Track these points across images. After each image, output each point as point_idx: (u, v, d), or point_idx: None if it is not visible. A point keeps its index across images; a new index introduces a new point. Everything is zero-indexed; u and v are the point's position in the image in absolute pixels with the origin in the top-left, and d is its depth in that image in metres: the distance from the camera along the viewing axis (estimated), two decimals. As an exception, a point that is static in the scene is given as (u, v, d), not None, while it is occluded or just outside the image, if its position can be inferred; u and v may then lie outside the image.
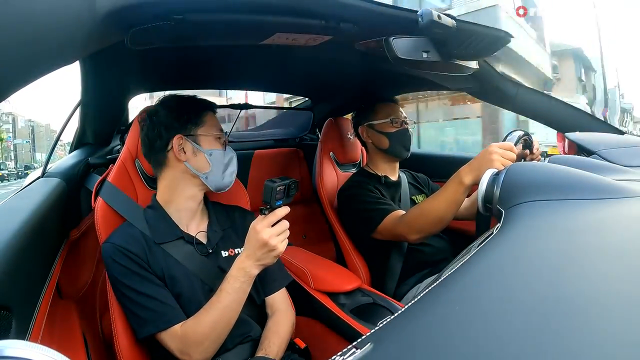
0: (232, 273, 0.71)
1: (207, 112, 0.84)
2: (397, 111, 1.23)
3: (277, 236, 0.69)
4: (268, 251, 0.69)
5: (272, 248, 0.68)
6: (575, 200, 0.42)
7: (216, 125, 0.84)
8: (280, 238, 0.69)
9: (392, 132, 1.20)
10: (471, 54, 0.82)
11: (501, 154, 0.80)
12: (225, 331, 0.72)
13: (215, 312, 0.70)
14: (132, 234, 0.77)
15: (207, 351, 0.71)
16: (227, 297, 0.70)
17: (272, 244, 0.68)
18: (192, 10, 0.55)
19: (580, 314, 0.25)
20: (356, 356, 0.27)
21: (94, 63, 0.86)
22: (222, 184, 0.83)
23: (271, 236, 0.68)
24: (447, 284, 0.33)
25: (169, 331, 0.71)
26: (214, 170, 0.80)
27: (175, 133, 0.79)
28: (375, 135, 1.23)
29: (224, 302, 0.70)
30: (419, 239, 1.00)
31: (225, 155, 0.83)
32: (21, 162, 34.90)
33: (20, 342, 0.29)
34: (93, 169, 1.10)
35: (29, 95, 21.07)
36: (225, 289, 0.70)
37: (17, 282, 0.60)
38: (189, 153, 0.79)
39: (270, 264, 0.71)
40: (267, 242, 0.68)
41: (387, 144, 1.21)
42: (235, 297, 0.70)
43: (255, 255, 0.69)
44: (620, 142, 0.89)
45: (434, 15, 0.64)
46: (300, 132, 1.87)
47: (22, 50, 0.33)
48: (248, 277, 0.70)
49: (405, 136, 1.21)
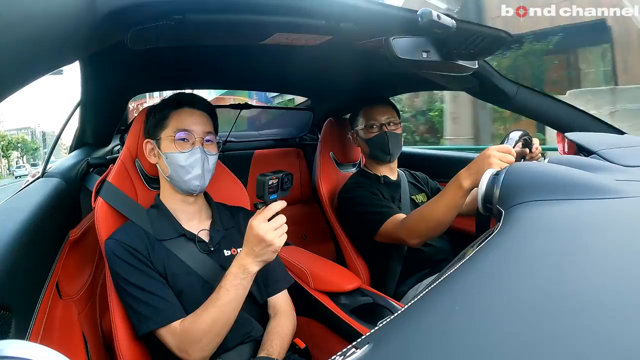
0: (232, 270, 0.70)
1: (173, 112, 0.79)
2: (376, 115, 1.21)
3: (273, 231, 0.67)
4: (266, 247, 0.67)
5: (269, 243, 0.67)
6: (575, 200, 0.42)
7: (179, 125, 0.78)
8: (277, 233, 0.68)
9: (369, 138, 1.22)
10: (471, 54, 0.82)
11: (499, 157, 0.79)
12: (224, 329, 0.71)
13: (215, 310, 0.69)
14: (134, 231, 0.78)
15: (205, 349, 0.70)
16: (226, 294, 0.69)
17: (269, 239, 0.66)
18: (192, 10, 0.55)
19: (581, 314, 0.25)
20: (356, 356, 0.27)
21: (94, 63, 0.86)
22: (187, 186, 0.79)
23: (267, 231, 0.66)
24: (447, 284, 0.33)
25: (168, 328, 0.71)
26: (172, 173, 0.78)
27: (145, 137, 0.83)
28: (359, 141, 1.27)
29: (224, 299, 0.69)
30: (419, 243, 1.01)
31: (187, 157, 0.77)
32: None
33: (20, 341, 0.29)
34: (93, 169, 1.10)
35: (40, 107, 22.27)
36: (225, 287, 0.69)
37: (17, 282, 0.60)
38: (156, 156, 0.82)
39: (269, 260, 0.70)
40: (263, 238, 0.66)
41: (367, 150, 1.24)
42: (235, 294, 0.69)
43: (253, 252, 0.68)
44: (620, 142, 0.89)
45: (434, 15, 0.64)
46: (300, 132, 1.87)
47: (22, 50, 0.33)
48: (248, 275, 0.69)
49: (383, 141, 1.20)
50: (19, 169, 26.53)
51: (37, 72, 0.39)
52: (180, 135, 0.78)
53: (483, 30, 0.75)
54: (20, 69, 0.35)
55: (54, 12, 0.36)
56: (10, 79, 0.34)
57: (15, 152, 32.90)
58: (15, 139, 34.76)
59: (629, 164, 0.67)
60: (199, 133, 0.79)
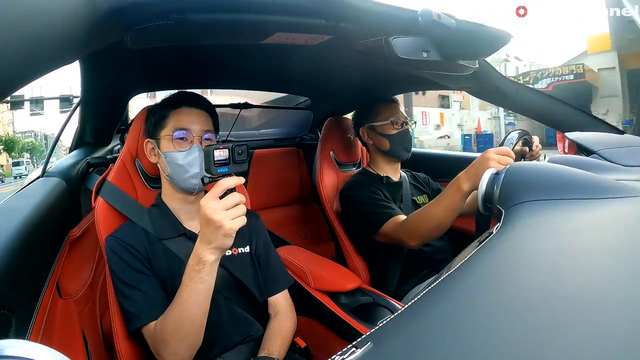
0: (189, 262, 0.63)
1: (171, 112, 0.79)
2: (398, 112, 1.23)
3: (223, 211, 0.58)
4: (215, 229, 0.58)
5: (218, 225, 0.57)
6: (575, 199, 0.42)
7: (178, 124, 0.78)
8: (227, 214, 0.58)
9: (392, 134, 1.20)
10: (471, 54, 0.82)
11: (498, 159, 0.79)
12: (192, 331, 0.64)
13: (176, 308, 0.64)
14: (134, 230, 0.78)
15: (177, 353, 0.65)
16: (184, 290, 0.63)
17: (217, 220, 0.57)
18: (191, 9, 0.55)
19: (581, 314, 0.25)
20: (356, 356, 0.27)
21: (94, 63, 0.86)
22: (185, 185, 0.78)
23: (215, 211, 0.57)
24: (447, 284, 0.33)
25: (147, 327, 0.69)
26: (171, 172, 0.78)
27: (146, 137, 0.83)
28: (376, 136, 1.23)
29: (183, 295, 0.63)
30: (419, 245, 1.01)
31: (185, 155, 0.76)
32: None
33: (20, 341, 0.29)
34: (93, 169, 1.10)
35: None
36: (183, 281, 0.63)
37: (17, 282, 0.60)
38: (156, 156, 0.81)
39: (223, 247, 0.61)
40: (210, 218, 0.57)
41: (387, 146, 1.21)
42: (194, 289, 0.62)
43: (205, 237, 0.60)
44: (620, 142, 0.89)
45: (434, 15, 0.64)
46: (300, 131, 1.87)
47: (22, 50, 0.33)
48: (203, 266, 0.61)
49: (406, 137, 1.22)
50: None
51: (37, 71, 0.39)
52: (178, 134, 0.77)
53: (483, 30, 0.75)
54: (20, 68, 0.35)
55: (54, 11, 0.36)
56: (10, 79, 0.34)
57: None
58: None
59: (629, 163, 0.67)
60: (197, 131, 0.78)
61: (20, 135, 36.48)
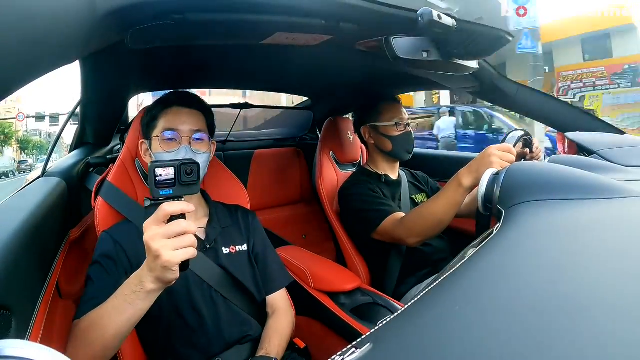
0: (130, 277, 0.56)
1: (162, 112, 0.79)
2: (401, 113, 1.22)
3: (162, 239, 0.50)
4: (153, 259, 0.50)
5: (155, 254, 0.50)
6: (575, 200, 0.42)
7: (167, 125, 0.77)
8: (168, 243, 0.50)
9: (395, 136, 1.20)
10: (471, 54, 0.82)
11: (500, 156, 0.79)
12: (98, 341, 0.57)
13: (97, 312, 0.59)
14: (128, 229, 0.78)
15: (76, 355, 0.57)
16: (112, 300, 0.57)
17: (154, 248, 0.49)
18: (192, 9, 0.55)
19: (581, 314, 0.25)
20: (356, 356, 0.27)
21: (94, 63, 0.86)
22: None
23: (154, 237, 0.50)
24: (447, 284, 0.33)
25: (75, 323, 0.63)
26: None
27: (141, 138, 0.83)
28: (378, 137, 1.23)
29: (107, 304, 0.58)
30: (418, 243, 1.00)
31: (173, 157, 0.75)
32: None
33: (20, 341, 0.29)
34: (93, 169, 1.10)
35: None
36: (120, 290, 0.57)
37: (17, 282, 0.60)
38: (150, 157, 0.82)
39: (165, 281, 0.52)
40: (148, 245, 0.50)
41: (390, 147, 1.21)
42: (121, 306, 0.55)
43: (147, 264, 0.52)
44: (620, 142, 0.89)
45: (434, 14, 0.64)
46: (300, 131, 1.87)
47: (22, 50, 0.33)
48: (141, 290, 0.54)
49: (409, 139, 1.21)
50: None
51: (37, 72, 0.39)
52: (166, 135, 0.77)
53: (483, 30, 0.75)
54: (20, 69, 0.35)
55: (54, 12, 0.36)
56: (11, 79, 0.34)
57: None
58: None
59: (629, 164, 0.67)
60: (186, 132, 0.77)
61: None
